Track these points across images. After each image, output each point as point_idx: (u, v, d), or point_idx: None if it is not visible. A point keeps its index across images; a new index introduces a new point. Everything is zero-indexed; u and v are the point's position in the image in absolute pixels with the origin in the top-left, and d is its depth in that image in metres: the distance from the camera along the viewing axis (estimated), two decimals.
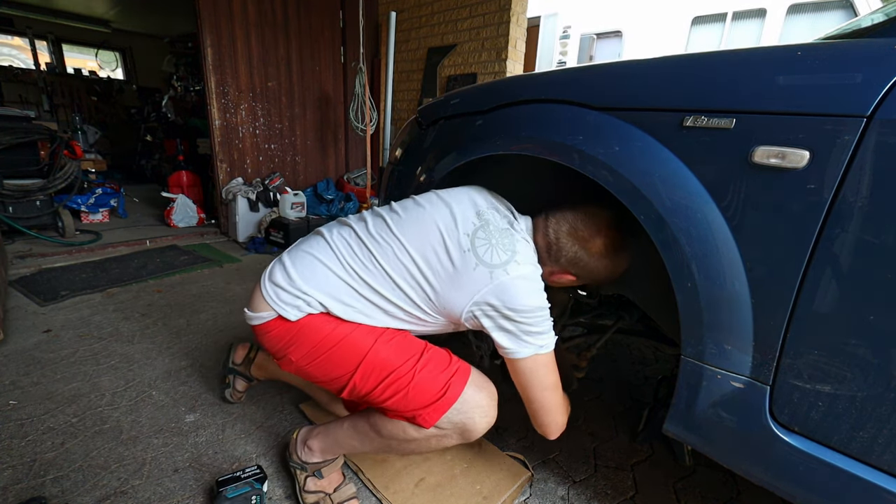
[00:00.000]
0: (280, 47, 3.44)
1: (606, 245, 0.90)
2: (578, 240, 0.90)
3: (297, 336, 0.89)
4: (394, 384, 0.86)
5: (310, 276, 0.89)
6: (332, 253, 0.91)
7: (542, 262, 0.93)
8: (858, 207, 0.59)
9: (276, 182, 3.37)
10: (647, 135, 0.76)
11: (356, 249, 0.91)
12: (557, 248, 0.91)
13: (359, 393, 0.90)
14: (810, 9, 4.14)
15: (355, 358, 0.88)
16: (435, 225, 0.90)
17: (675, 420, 0.81)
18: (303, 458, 1.03)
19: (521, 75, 1.11)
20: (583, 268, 0.92)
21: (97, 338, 1.77)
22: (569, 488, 1.16)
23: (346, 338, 0.88)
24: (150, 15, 6.24)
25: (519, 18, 3.14)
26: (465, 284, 0.85)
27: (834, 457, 0.66)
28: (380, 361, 0.88)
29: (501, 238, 0.89)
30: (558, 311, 1.11)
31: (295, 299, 0.88)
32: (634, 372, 1.78)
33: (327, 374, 0.91)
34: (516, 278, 0.84)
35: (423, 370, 0.87)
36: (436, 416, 0.85)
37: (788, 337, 0.67)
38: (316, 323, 0.89)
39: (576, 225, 0.90)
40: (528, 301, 0.84)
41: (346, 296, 0.89)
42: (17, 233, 2.81)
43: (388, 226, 0.92)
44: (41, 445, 1.18)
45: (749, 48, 0.71)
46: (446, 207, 0.93)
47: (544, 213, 0.96)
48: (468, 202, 0.95)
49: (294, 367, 0.93)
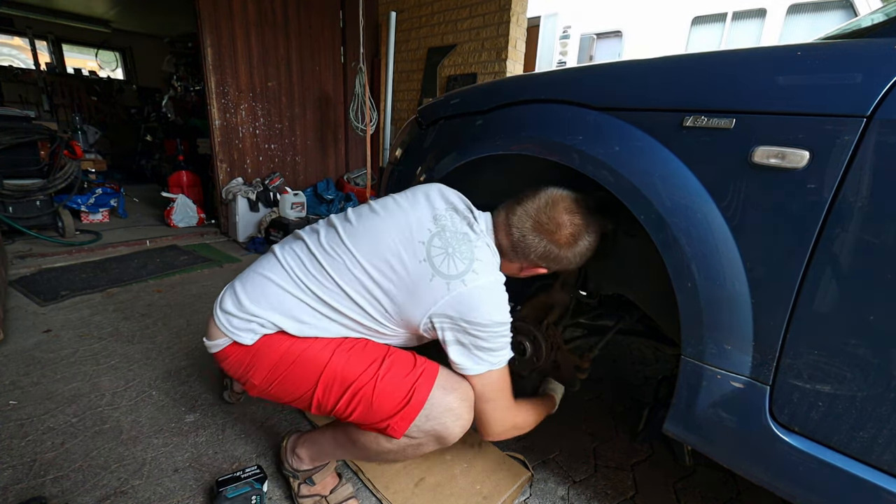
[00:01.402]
0: (280, 47, 3.44)
1: (574, 233, 0.87)
2: (545, 234, 0.87)
3: (255, 359, 0.87)
4: (356, 395, 0.83)
5: (260, 297, 0.87)
6: (283, 270, 0.88)
7: (510, 259, 0.91)
8: (858, 207, 0.59)
9: (276, 182, 3.37)
10: (647, 135, 0.76)
11: (308, 264, 0.88)
12: (524, 246, 0.88)
13: (325, 408, 0.86)
14: (810, 9, 4.14)
15: (314, 373, 0.85)
16: (389, 234, 0.86)
17: (675, 420, 0.81)
18: (294, 466, 1.03)
19: (522, 75, 1.11)
20: (554, 259, 0.89)
21: (97, 338, 1.77)
22: (569, 488, 1.16)
23: (302, 354, 0.85)
24: (150, 15, 6.24)
25: (519, 18, 3.14)
26: (422, 296, 0.82)
27: (834, 457, 0.66)
28: (339, 373, 0.84)
29: (459, 245, 0.85)
30: (559, 312, 1.12)
31: (247, 323, 0.86)
32: (634, 372, 1.78)
33: (290, 393, 0.88)
34: (474, 289, 0.81)
35: (386, 377, 0.83)
36: (404, 425, 0.82)
37: (788, 337, 0.67)
38: (272, 343, 0.86)
39: (539, 219, 0.87)
40: (487, 315, 0.81)
41: (299, 313, 0.86)
42: (17, 233, 2.81)
43: (340, 237, 0.89)
44: (41, 445, 1.18)
45: (749, 48, 0.71)
46: (402, 214, 0.89)
47: (504, 209, 0.92)
48: (425, 206, 0.91)
49: (258, 390, 0.90)
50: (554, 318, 1.10)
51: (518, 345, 1.14)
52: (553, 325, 1.10)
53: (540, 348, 1.10)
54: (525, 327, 1.12)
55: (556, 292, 1.13)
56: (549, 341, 1.10)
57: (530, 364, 1.14)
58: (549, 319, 1.10)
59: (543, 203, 0.88)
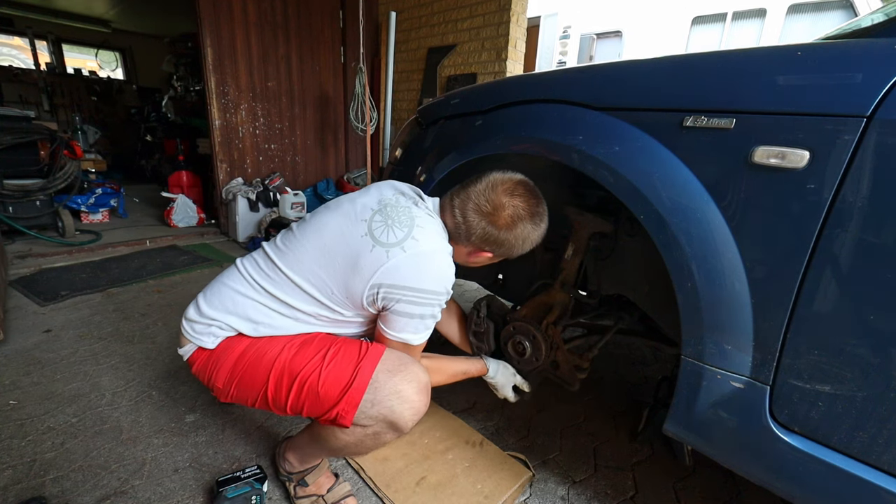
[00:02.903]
0: (280, 47, 3.44)
1: (513, 216, 0.87)
2: (484, 215, 0.87)
3: (217, 361, 0.91)
4: (304, 387, 0.83)
5: (217, 302, 0.91)
6: (240, 275, 0.93)
7: (456, 241, 0.93)
8: (858, 207, 0.59)
9: (276, 182, 3.37)
10: (647, 135, 0.76)
11: (262, 265, 0.93)
12: (466, 227, 0.89)
13: (280, 404, 0.86)
14: (810, 9, 4.14)
15: (265, 370, 0.86)
16: (335, 219, 0.90)
17: (675, 420, 0.81)
18: (286, 469, 1.05)
19: (521, 75, 1.11)
20: (494, 243, 0.90)
21: (97, 338, 1.77)
22: (569, 488, 1.16)
23: (256, 352, 0.88)
24: (150, 15, 6.24)
25: (519, 18, 3.14)
26: (364, 268, 0.83)
27: (834, 457, 0.66)
28: (287, 367, 0.85)
29: (399, 216, 0.86)
30: (559, 312, 1.12)
31: (206, 328, 0.90)
32: (634, 372, 1.78)
33: (249, 393, 0.89)
34: (413, 255, 0.82)
35: (330, 365, 0.84)
36: (350, 410, 0.81)
37: (788, 337, 0.67)
38: (231, 345, 0.90)
39: (478, 200, 0.88)
40: (428, 280, 0.81)
41: (253, 313, 0.89)
42: (17, 233, 2.81)
43: (293, 234, 0.93)
44: (41, 445, 1.18)
45: (749, 48, 0.71)
46: (349, 203, 0.93)
47: (450, 192, 0.94)
48: (374, 193, 0.94)
49: (224, 394, 0.92)
50: (553, 317, 1.10)
51: (518, 344, 1.15)
52: (553, 325, 1.10)
53: (539, 348, 1.10)
54: (525, 327, 1.12)
55: (556, 292, 1.13)
56: (548, 341, 1.10)
57: (530, 364, 1.14)
58: (548, 319, 1.10)
59: (485, 185, 0.89)
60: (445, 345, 1.32)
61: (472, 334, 1.22)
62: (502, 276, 1.52)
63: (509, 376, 1.18)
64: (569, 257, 1.09)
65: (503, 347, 1.19)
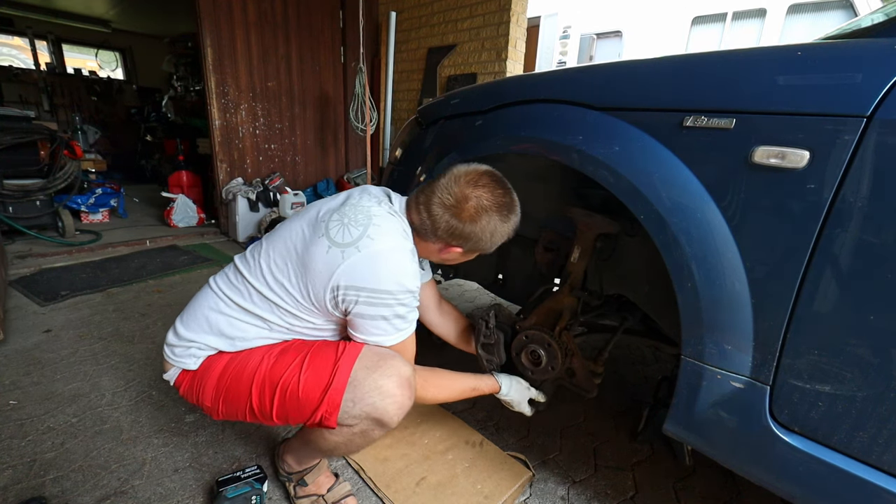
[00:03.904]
0: (280, 47, 3.44)
1: (477, 207, 0.85)
2: (448, 208, 0.86)
3: (202, 381, 0.91)
4: (286, 393, 0.83)
5: (193, 323, 0.91)
6: (213, 293, 0.93)
7: (424, 237, 0.91)
8: (858, 207, 0.59)
9: (276, 182, 3.37)
10: (647, 135, 0.76)
11: (232, 278, 0.93)
12: (432, 222, 0.88)
13: (267, 414, 0.86)
14: (810, 9, 4.14)
15: (246, 381, 0.86)
16: (299, 224, 0.89)
17: (675, 420, 0.81)
18: (286, 470, 1.05)
19: (521, 75, 1.11)
20: (461, 237, 0.88)
21: (97, 338, 1.77)
22: (569, 488, 1.16)
23: (237, 367, 0.88)
24: (150, 15, 6.23)
25: (519, 18, 3.13)
26: (321, 270, 0.82)
27: (834, 457, 0.66)
28: (267, 376, 0.85)
29: (356, 215, 0.84)
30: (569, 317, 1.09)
31: (185, 350, 0.91)
32: (634, 372, 1.78)
33: (237, 407, 0.89)
34: (368, 255, 0.80)
35: (309, 368, 0.84)
36: (333, 411, 0.80)
37: (788, 337, 0.67)
38: (213, 363, 0.90)
39: (441, 194, 0.86)
40: (385, 279, 0.80)
41: (226, 327, 0.89)
42: (17, 233, 2.81)
43: (261, 244, 0.93)
44: (41, 445, 1.18)
45: (749, 48, 0.71)
46: (316, 208, 0.92)
47: (417, 188, 0.94)
48: (342, 197, 0.93)
49: (215, 412, 0.91)
50: (564, 323, 1.07)
51: (533, 353, 1.10)
52: (566, 332, 1.07)
53: (555, 356, 1.06)
54: (539, 335, 1.08)
55: (563, 297, 1.10)
56: (563, 348, 1.07)
57: (545, 373, 1.10)
58: (560, 325, 1.08)
59: (448, 178, 0.88)
60: (445, 346, 1.31)
61: (480, 347, 1.16)
62: (502, 277, 1.52)
63: (523, 391, 1.13)
64: (575, 260, 1.06)
65: (514, 357, 1.14)
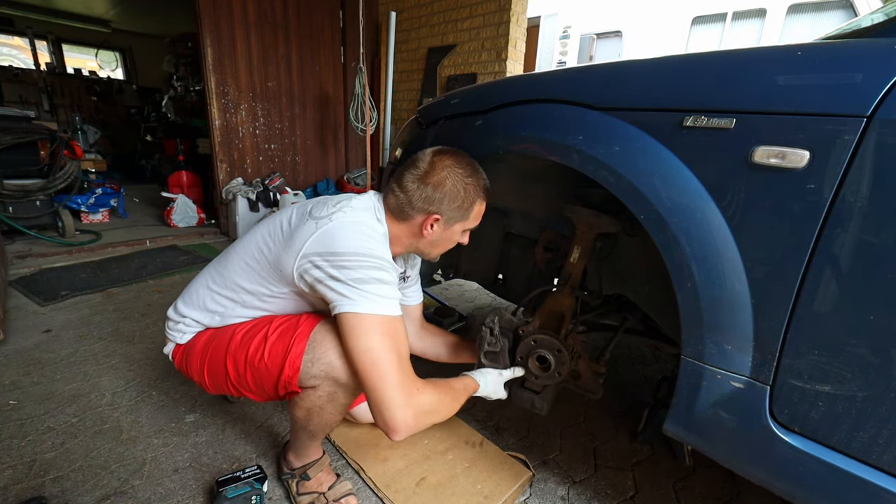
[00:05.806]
0: (280, 47, 3.44)
1: (444, 167, 0.92)
2: (418, 178, 0.93)
3: (189, 354, 1.01)
4: (256, 362, 0.90)
5: (189, 299, 1.02)
6: (207, 271, 1.03)
7: (405, 216, 0.95)
8: (858, 207, 0.59)
9: (276, 182, 3.37)
10: (647, 135, 0.76)
11: (223, 256, 1.02)
12: (406, 197, 0.93)
13: (245, 384, 0.93)
14: (810, 9, 4.14)
15: (221, 355, 0.95)
16: (287, 210, 0.97)
17: (675, 420, 0.81)
18: (289, 468, 1.06)
19: (521, 75, 1.11)
20: (436, 200, 0.92)
21: (97, 338, 1.77)
22: (569, 488, 1.16)
23: (216, 340, 0.98)
24: (150, 15, 6.24)
25: (519, 18, 3.13)
26: (295, 241, 0.87)
27: (834, 457, 0.66)
28: (238, 348, 0.93)
29: (338, 199, 0.93)
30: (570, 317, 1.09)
31: (177, 324, 1.02)
32: (634, 372, 1.78)
33: (218, 380, 0.97)
34: (339, 224, 0.85)
35: (273, 335, 0.91)
36: (294, 375, 0.86)
37: (788, 337, 0.67)
38: (198, 337, 1.01)
39: (411, 170, 0.94)
40: (351, 243, 0.83)
41: (210, 302, 0.99)
42: (17, 233, 2.81)
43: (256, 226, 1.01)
44: (41, 445, 1.18)
45: (749, 48, 0.71)
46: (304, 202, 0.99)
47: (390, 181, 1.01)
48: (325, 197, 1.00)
49: (205, 385, 1.01)
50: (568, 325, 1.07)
51: (541, 357, 1.08)
52: (572, 334, 1.07)
53: (564, 360, 1.05)
54: (548, 340, 1.06)
55: (563, 298, 1.10)
56: (570, 351, 1.05)
57: (552, 378, 1.08)
58: (564, 328, 1.07)
59: (413, 159, 0.96)
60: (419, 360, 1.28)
61: (484, 355, 1.14)
62: (502, 276, 1.52)
63: (497, 378, 1.10)
64: (574, 260, 1.06)
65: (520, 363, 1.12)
